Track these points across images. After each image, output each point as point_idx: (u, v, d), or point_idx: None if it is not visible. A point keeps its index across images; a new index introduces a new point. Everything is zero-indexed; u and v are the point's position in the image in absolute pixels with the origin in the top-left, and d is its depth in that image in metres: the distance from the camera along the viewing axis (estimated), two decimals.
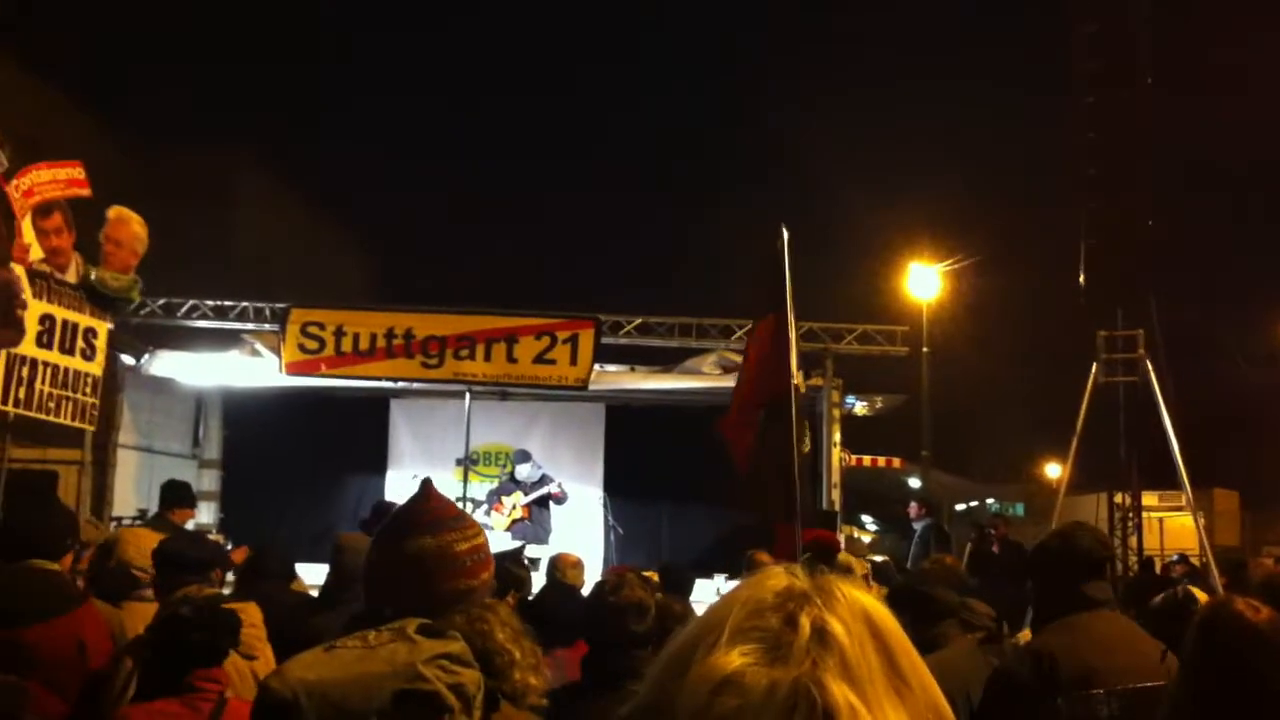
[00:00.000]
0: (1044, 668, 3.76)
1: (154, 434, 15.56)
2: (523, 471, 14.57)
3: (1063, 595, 3.97)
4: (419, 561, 2.41)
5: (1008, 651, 4.48)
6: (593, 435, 16.30)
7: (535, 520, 14.22)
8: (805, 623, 1.09)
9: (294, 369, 14.03)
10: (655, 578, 7.39)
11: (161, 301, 14.80)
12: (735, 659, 1.07)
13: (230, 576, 6.53)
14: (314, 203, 45.34)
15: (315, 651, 1.98)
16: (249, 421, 16.13)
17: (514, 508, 14.26)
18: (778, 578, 1.15)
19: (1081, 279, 15.25)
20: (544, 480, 14.50)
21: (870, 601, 1.16)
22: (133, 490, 14.52)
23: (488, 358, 13.98)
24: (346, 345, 14.05)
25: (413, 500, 2.60)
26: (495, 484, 15.12)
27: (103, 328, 11.95)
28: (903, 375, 20.14)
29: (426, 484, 2.67)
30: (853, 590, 1.15)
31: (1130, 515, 16.00)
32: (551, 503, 14.45)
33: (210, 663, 3.85)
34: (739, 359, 14.73)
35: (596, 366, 14.19)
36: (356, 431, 16.28)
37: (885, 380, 17.51)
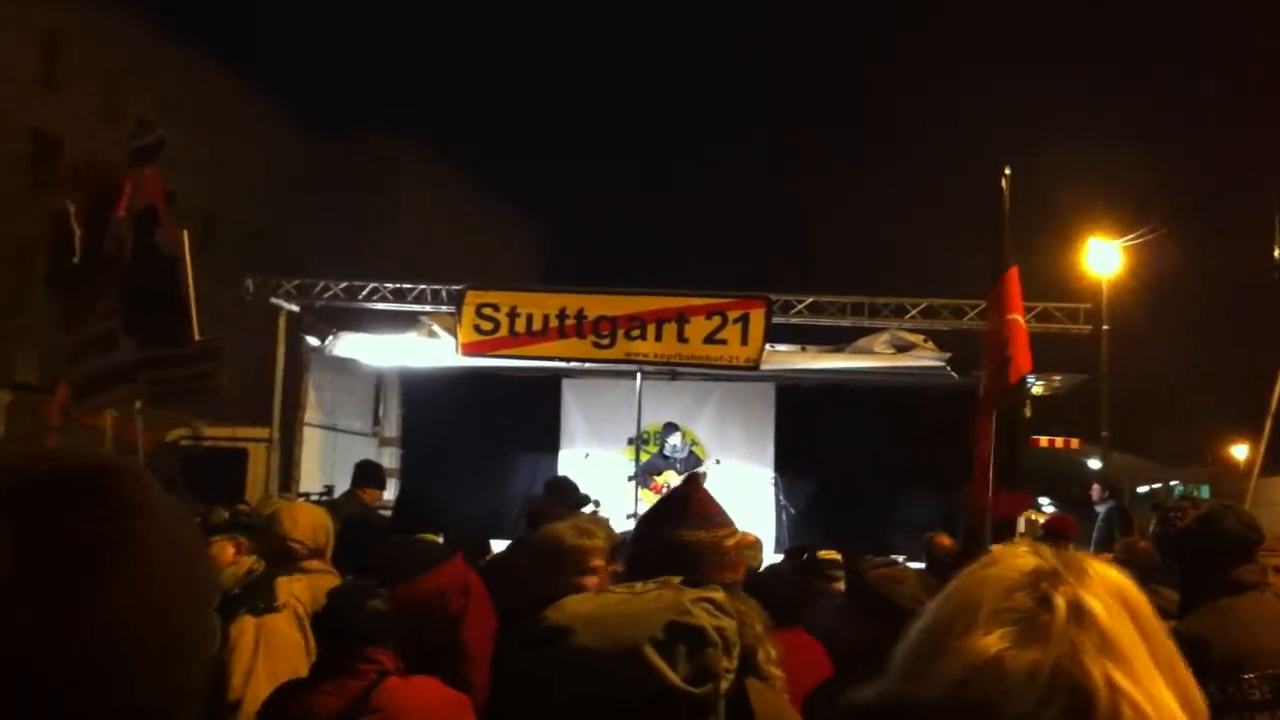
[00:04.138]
0: (1193, 652, 3.64)
1: (337, 413, 16.07)
2: (671, 443, 14.63)
3: (1210, 579, 3.90)
4: (693, 552, 2.56)
5: None
6: (763, 415, 16.21)
7: None
8: (1060, 602, 1.08)
9: (469, 349, 14.32)
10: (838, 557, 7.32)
11: (344, 285, 15.25)
12: (992, 642, 1.06)
13: None
14: (488, 186, 46.20)
15: (585, 595, 2.15)
16: (426, 401, 16.52)
17: (668, 487, 14.30)
18: (1025, 557, 1.14)
19: (1276, 251, 14.59)
20: (693, 457, 14.56)
21: (1122, 578, 1.14)
22: (318, 467, 15.03)
23: (658, 338, 14.04)
24: (520, 326, 14.28)
25: (683, 493, 2.76)
26: (645, 460, 15.17)
27: None
28: (1081, 353, 19.56)
29: (695, 478, 2.84)
30: (1105, 567, 1.13)
31: None
32: None
33: (384, 642, 3.93)
34: (913, 338, 14.50)
35: (767, 346, 14.17)
36: (529, 411, 16.49)
37: (1063, 359, 17.02)
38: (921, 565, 8.27)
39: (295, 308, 15.26)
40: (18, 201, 28.46)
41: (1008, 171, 9.08)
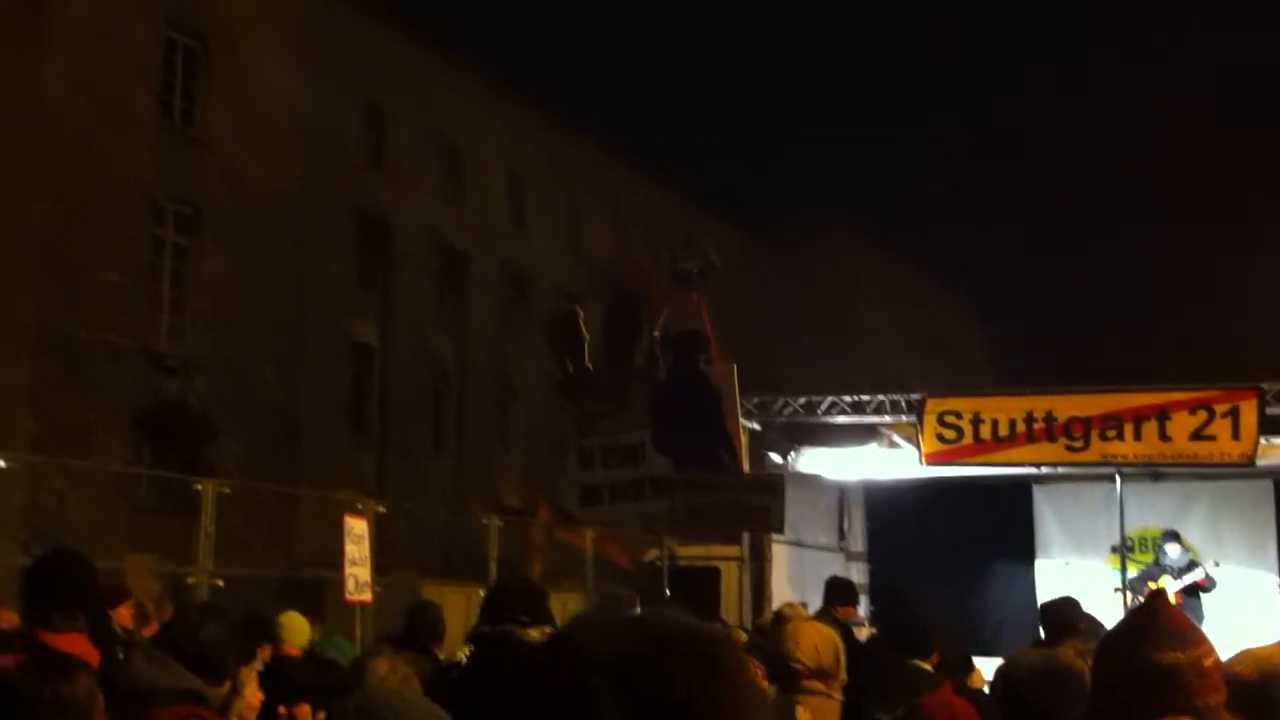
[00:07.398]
0: None
1: (802, 528, 16.13)
2: (1171, 553, 13.72)
3: None
4: (1175, 676, 2.41)
5: None
6: (1263, 515, 14.88)
7: (1187, 608, 13.21)
8: None
9: (934, 459, 14.12)
10: None
11: (803, 400, 15.41)
12: None
13: None
14: (933, 289, 45.69)
15: None
16: (891, 513, 16.30)
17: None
18: None
19: None
20: (1192, 566, 13.60)
21: None
22: (786, 583, 15.11)
23: (1137, 436, 13.43)
24: (985, 432, 14.01)
25: (1149, 611, 2.60)
26: (1140, 569, 14.27)
27: None
28: None
29: (1160, 595, 2.66)
30: None
31: None
32: (1199, 590, 13.54)
33: None
34: None
35: (1263, 439, 13.16)
36: (999, 519, 15.95)
37: None
38: None
39: (757, 426, 15.56)
40: (496, 340, 30.62)
41: None
